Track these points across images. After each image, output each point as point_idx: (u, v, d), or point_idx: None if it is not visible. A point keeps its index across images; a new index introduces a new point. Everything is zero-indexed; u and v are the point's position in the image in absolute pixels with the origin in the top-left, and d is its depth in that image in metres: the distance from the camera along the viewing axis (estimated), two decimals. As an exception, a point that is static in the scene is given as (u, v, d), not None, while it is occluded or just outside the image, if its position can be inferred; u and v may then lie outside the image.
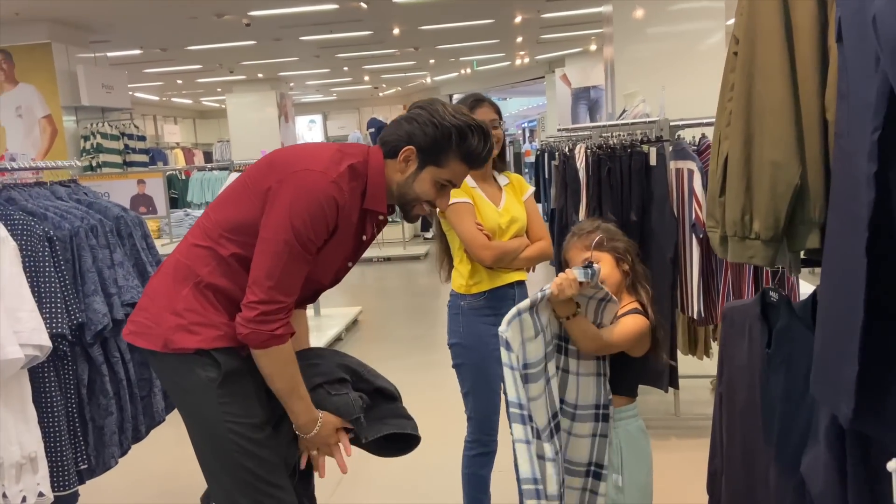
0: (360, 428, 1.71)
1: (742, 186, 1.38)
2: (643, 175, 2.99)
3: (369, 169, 1.65)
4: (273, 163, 1.62)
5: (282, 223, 1.51)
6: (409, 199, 1.70)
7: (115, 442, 1.96)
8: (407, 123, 1.67)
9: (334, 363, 1.77)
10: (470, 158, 1.68)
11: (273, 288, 1.51)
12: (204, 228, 1.63)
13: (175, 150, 16.79)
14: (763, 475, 1.72)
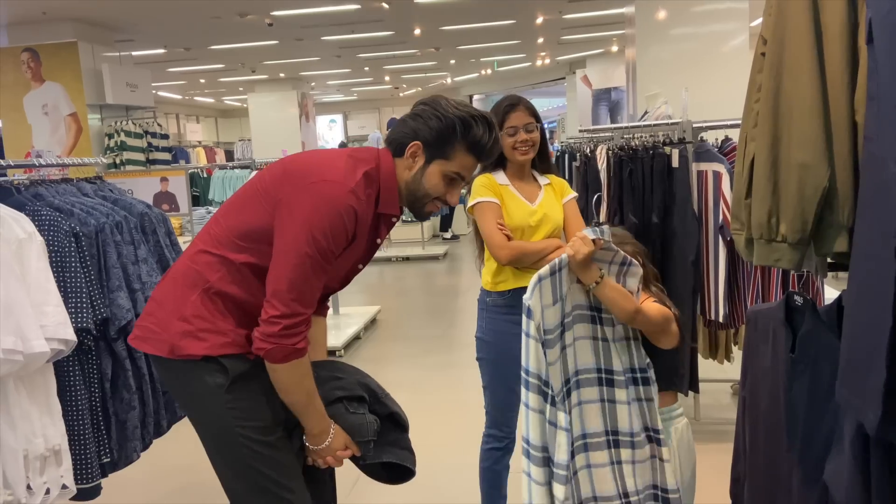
0: (365, 450, 1.72)
1: (769, 188, 1.37)
2: (665, 177, 2.97)
3: (381, 173, 1.65)
4: (288, 171, 1.60)
5: (302, 235, 1.50)
6: (419, 196, 1.70)
7: (138, 436, 1.98)
8: (412, 121, 1.67)
9: (355, 380, 1.77)
10: (476, 149, 1.68)
11: (295, 300, 1.50)
12: (214, 234, 1.62)
13: (197, 149, 16.95)
14: (786, 482, 1.70)
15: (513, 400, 2.39)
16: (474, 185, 2.37)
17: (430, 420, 3.83)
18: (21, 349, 1.55)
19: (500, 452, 2.41)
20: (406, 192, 1.69)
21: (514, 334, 2.34)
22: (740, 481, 1.91)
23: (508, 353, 2.35)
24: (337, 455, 1.68)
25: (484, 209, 2.33)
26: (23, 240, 1.66)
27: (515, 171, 2.40)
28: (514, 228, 2.32)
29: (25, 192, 1.95)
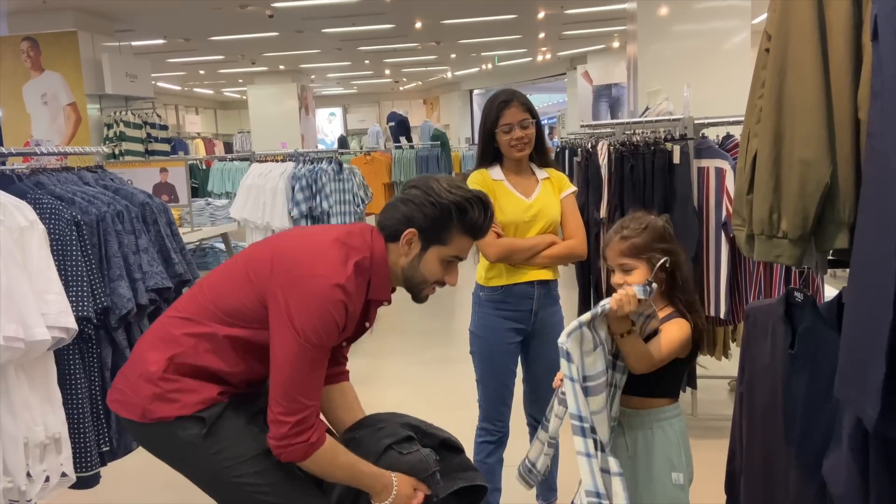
0: (434, 484, 1.69)
1: (770, 185, 1.37)
2: (666, 173, 2.97)
3: (373, 261, 1.62)
4: (277, 259, 1.57)
5: (294, 336, 1.48)
6: (416, 283, 1.68)
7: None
8: (403, 205, 1.63)
9: (396, 423, 1.76)
10: (473, 231, 1.66)
11: (299, 395, 1.50)
12: (199, 303, 1.60)
13: (196, 141, 16.90)
14: (783, 477, 1.71)
15: (504, 394, 2.39)
16: (468, 181, 2.36)
17: (428, 414, 3.80)
18: (22, 336, 1.55)
19: (492, 446, 2.42)
20: (403, 279, 1.68)
21: (505, 329, 2.36)
22: (736, 477, 1.92)
23: (499, 348, 2.36)
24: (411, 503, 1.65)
25: None
26: (24, 228, 1.66)
27: (512, 166, 2.39)
28: (508, 224, 2.31)
29: (27, 181, 1.95)
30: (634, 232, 1.84)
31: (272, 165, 4.85)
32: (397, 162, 8.83)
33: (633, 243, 1.83)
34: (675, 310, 1.86)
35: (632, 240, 1.84)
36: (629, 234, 1.85)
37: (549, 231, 2.36)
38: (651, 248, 1.83)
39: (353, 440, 1.72)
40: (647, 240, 1.83)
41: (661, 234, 1.84)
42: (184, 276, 2.15)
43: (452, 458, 1.78)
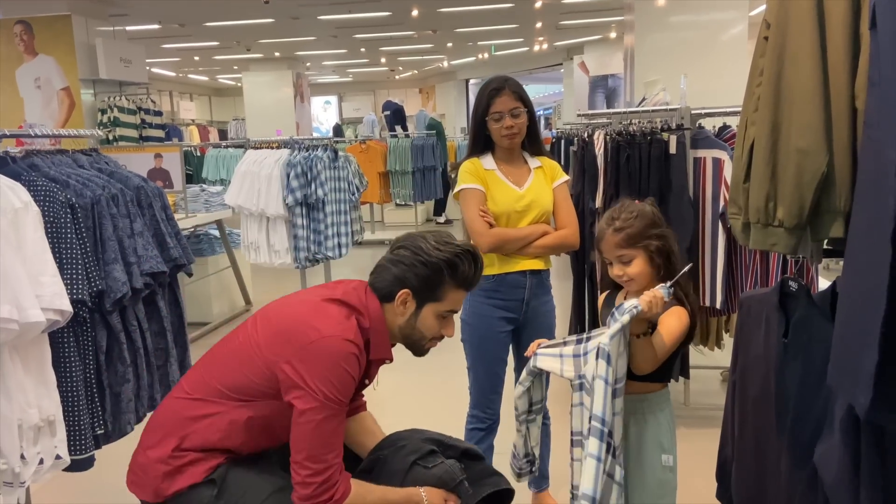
0: (463, 492, 1.72)
1: (767, 173, 1.37)
2: (662, 163, 2.97)
3: (370, 321, 1.64)
4: (280, 331, 1.59)
5: (312, 399, 1.51)
6: (415, 340, 1.72)
7: (132, 409, 1.99)
8: (394, 267, 1.66)
9: (417, 439, 1.79)
10: (465, 284, 1.69)
11: (322, 453, 1.52)
12: (206, 384, 1.63)
13: (190, 128, 16.82)
14: (774, 464, 1.72)
15: (494, 382, 2.40)
16: (460, 170, 2.36)
17: (418, 401, 3.84)
18: (17, 318, 1.54)
19: (482, 433, 2.43)
20: (402, 337, 1.71)
21: (496, 318, 2.36)
22: (727, 464, 1.93)
23: (490, 336, 2.36)
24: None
25: (467, 196, 2.31)
26: (19, 209, 1.65)
27: (504, 155, 2.37)
28: (500, 214, 2.30)
29: (21, 163, 1.93)
30: (626, 222, 1.85)
31: (267, 152, 4.83)
32: (392, 151, 8.80)
33: (627, 234, 1.84)
34: (672, 297, 1.87)
35: (625, 231, 1.84)
36: (622, 226, 1.85)
37: (541, 221, 2.36)
38: (645, 236, 1.84)
39: (378, 460, 1.75)
40: (640, 227, 1.84)
41: (652, 219, 1.86)
42: (179, 260, 2.14)
43: (475, 466, 1.81)
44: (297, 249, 4.74)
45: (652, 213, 1.87)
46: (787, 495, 1.67)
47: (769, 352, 1.72)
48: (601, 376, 1.57)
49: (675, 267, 1.87)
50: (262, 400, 1.59)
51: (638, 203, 1.90)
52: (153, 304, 2.11)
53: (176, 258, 2.13)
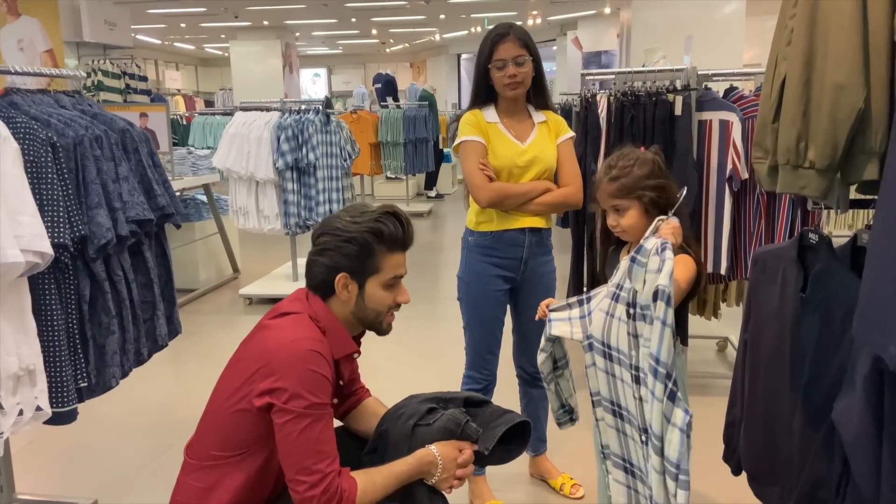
0: (472, 431, 1.66)
1: (799, 110, 1.30)
2: (667, 125, 2.89)
3: (322, 321, 1.58)
4: (245, 366, 1.53)
5: (288, 408, 1.44)
6: (372, 319, 1.66)
7: (117, 362, 1.89)
8: (321, 257, 1.60)
9: (415, 403, 1.74)
10: (399, 244, 1.63)
11: (315, 463, 1.45)
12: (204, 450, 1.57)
13: (176, 97, 16.53)
14: (786, 423, 1.67)
15: (491, 342, 2.33)
16: (461, 122, 2.27)
17: (411, 369, 3.79)
18: (-7, 258, 1.44)
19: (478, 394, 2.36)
20: (357, 322, 1.65)
21: (493, 276, 2.29)
22: (735, 424, 1.89)
23: (486, 295, 2.29)
24: (460, 463, 1.62)
25: (467, 149, 2.23)
26: (-4, 144, 1.54)
27: (507, 107, 2.28)
28: (501, 169, 2.22)
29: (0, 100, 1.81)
30: (623, 171, 1.79)
31: (257, 114, 4.70)
32: (384, 121, 8.66)
33: (622, 184, 1.78)
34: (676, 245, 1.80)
35: (621, 180, 1.78)
36: (618, 174, 1.79)
37: (544, 178, 2.28)
38: (640, 186, 1.77)
39: (381, 436, 1.70)
40: (636, 177, 1.77)
41: (651, 169, 1.79)
42: (166, 209, 2.03)
43: (483, 412, 1.75)
44: (287, 215, 4.63)
45: (653, 161, 1.80)
46: (801, 455, 1.62)
47: (785, 307, 1.66)
48: (662, 319, 1.47)
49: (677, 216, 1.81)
50: (260, 444, 1.53)
51: (640, 151, 1.83)
52: (139, 254, 2.00)
53: (163, 206, 2.02)
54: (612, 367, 1.68)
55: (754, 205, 2.92)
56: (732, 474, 1.90)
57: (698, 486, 2.39)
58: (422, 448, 1.61)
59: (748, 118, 2.91)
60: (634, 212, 1.77)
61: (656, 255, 1.49)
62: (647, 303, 1.50)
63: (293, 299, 1.64)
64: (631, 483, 1.74)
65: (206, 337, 4.30)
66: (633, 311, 1.57)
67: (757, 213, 2.90)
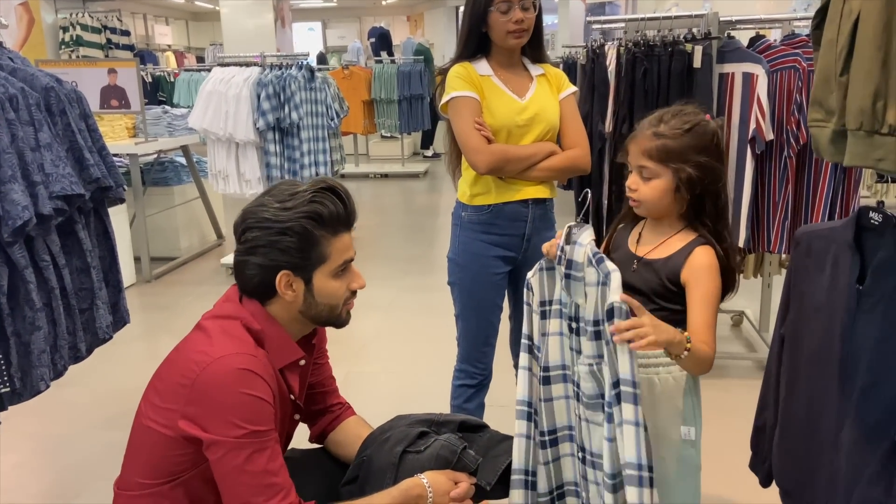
0: (470, 461, 1.45)
1: (878, 60, 0.99)
2: (684, 79, 2.58)
3: (256, 326, 1.34)
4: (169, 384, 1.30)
5: (221, 443, 1.22)
6: (326, 314, 1.42)
7: (46, 362, 1.62)
8: (252, 256, 1.33)
9: (403, 426, 1.52)
10: (342, 223, 1.38)
11: (266, 499, 1.23)
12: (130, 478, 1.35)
13: (167, 53, 16.03)
14: (832, 436, 1.42)
15: (488, 333, 2.06)
16: (449, 75, 1.96)
17: (403, 345, 3.54)
18: None
19: (472, 390, 2.09)
20: (309, 321, 1.42)
21: (491, 257, 2.00)
22: (766, 431, 1.64)
23: (484, 278, 2.00)
24: (454, 497, 1.40)
25: (459, 106, 1.92)
26: None
27: (502, 59, 1.98)
28: (499, 129, 1.92)
29: None
30: (672, 131, 1.47)
31: (235, 70, 4.34)
32: (377, 77, 8.26)
33: (664, 145, 1.46)
34: (697, 235, 1.50)
35: (665, 140, 1.46)
36: (664, 132, 1.47)
37: (547, 138, 1.98)
38: (685, 158, 1.45)
39: (364, 462, 1.48)
40: (685, 145, 1.45)
41: (706, 143, 1.46)
42: (102, 181, 1.72)
43: (480, 438, 1.53)
44: (269, 179, 4.33)
45: (713, 136, 1.48)
46: (850, 476, 1.37)
47: (836, 301, 1.40)
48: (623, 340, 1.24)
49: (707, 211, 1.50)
50: (192, 472, 1.30)
51: (704, 117, 1.51)
52: (73, 234, 1.71)
53: (97, 178, 1.71)
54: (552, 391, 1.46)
55: (780, 170, 2.61)
56: (761, 485, 1.66)
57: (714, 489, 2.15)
58: (411, 478, 1.37)
59: (776, 70, 2.59)
60: (662, 183, 1.46)
61: (591, 265, 1.31)
62: (592, 318, 1.32)
63: (226, 299, 1.38)
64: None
65: (183, 310, 4.04)
66: (575, 325, 1.39)
67: (783, 179, 2.59)
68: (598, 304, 1.32)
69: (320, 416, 1.63)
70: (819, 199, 2.52)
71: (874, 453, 1.31)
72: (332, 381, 1.66)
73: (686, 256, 1.47)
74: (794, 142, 2.54)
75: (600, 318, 1.31)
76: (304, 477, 1.46)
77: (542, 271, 1.45)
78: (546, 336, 1.46)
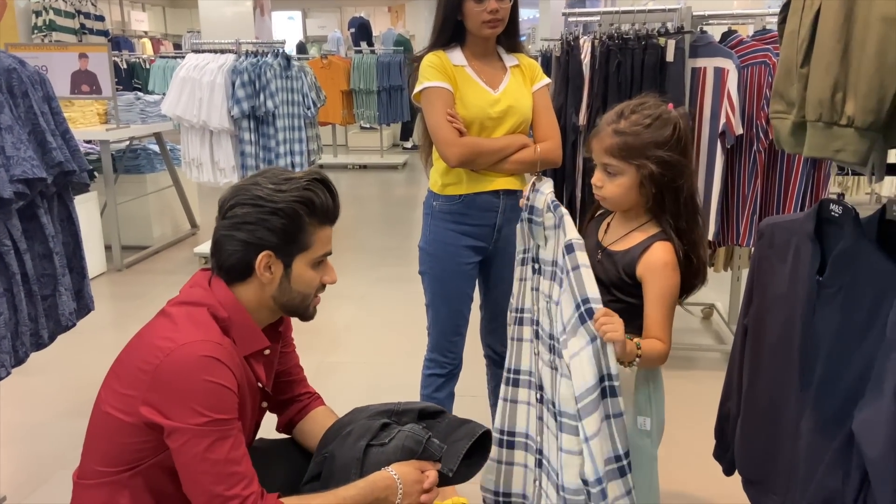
0: (435, 449, 1.44)
1: (838, 52, 1.01)
2: (657, 73, 2.59)
3: (223, 312, 1.32)
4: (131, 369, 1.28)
5: (182, 430, 1.21)
6: (297, 304, 1.42)
7: (6, 348, 1.59)
8: (238, 231, 1.32)
9: (363, 419, 1.50)
10: (328, 217, 1.40)
11: (224, 489, 1.21)
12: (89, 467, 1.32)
13: (143, 40, 15.77)
14: (792, 426, 1.44)
15: (458, 322, 2.06)
16: (422, 65, 1.94)
17: (376, 335, 3.53)
18: None
19: (442, 379, 2.10)
20: (278, 307, 1.41)
21: (462, 247, 2.00)
22: (729, 420, 1.67)
23: (454, 268, 2.00)
24: (425, 488, 1.40)
25: (432, 96, 1.91)
26: None
27: (477, 49, 1.97)
28: (471, 121, 1.92)
29: None
30: (632, 127, 1.45)
31: (209, 57, 4.29)
32: (357, 67, 8.21)
33: (625, 142, 1.45)
34: (660, 230, 1.50)
35: (625, 138, 1.45)
36: (624, 129, 1.46)
37: (519, 130, 1.98)
38: (647, 155, 1.44)
39: (326, 459, 1.46)
40: (645, 142, 1.44)
41: (667, 137, 1.45)
42: (65, 165, 1.69)
43: (440, 423, 1.52)
44: (244, 168, 4.29)
45: (674, 128, 1.46)
46: (809, 465, 1.39)
47: (796, 292, 1.42)
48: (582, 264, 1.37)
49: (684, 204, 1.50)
50: (152, 457, 1.28)
51: (665, 108, 1.50)
52: (35, 220, 1.68)
53: (61, 162, 1.68)
54: (522, 332, 1.63)
55: (749, 164, 2.64)
56: (724, 474, 1.68)
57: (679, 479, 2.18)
58: (378, 472, 1.37)
59: (746, 66, 2.61)
60: (626, 180, 1.46)
61: (549, 211, 1.45)
62: (551, 258, 1.47)
63: (193, 285, 1.37)
64: (536, 473, 1.59)
65: (154, 300, 3.99)
66: (536, 265, 1.55)
67: (752, 173, 2.62)
68: (554, 247, 1.45)
69: (288, 405, 1.62)
70: (791, 194, 2.56)
71: (832, 442, 1.33)
72: (299, 370, 1.65)
73: (642, 251, 1.48)
74: (764, 136, 2.57)
75: (555, 259, 1.45)
76: (271, 468, 1.45)
77: (521, 222, 1.58)
78: (522, 282, 1.62)
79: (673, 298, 1.50)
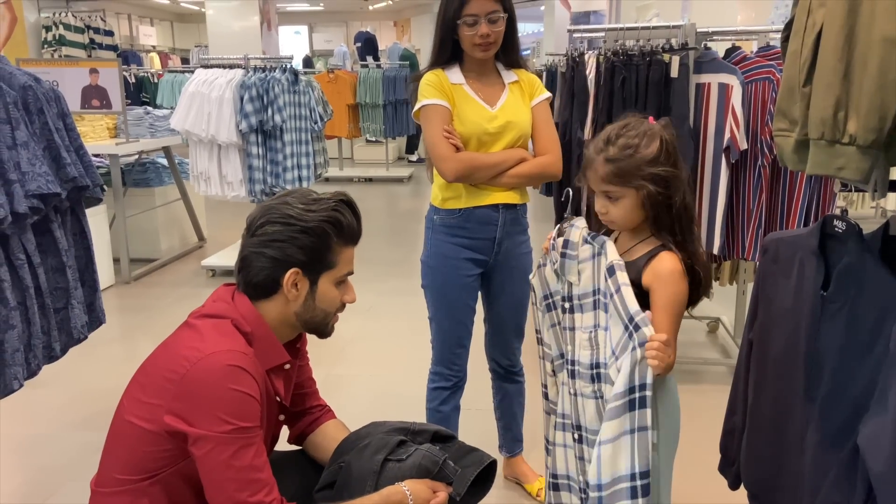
0: (449, 471, 1.47)
1: (839, 71, 1.02)
2: (661, 88, 2.62)
3: (246, 326, 1.36)
4: (157, 379, 1.30)
5: (207, 437, 1.22)
6: (319, 321, 1.46)
7: (20, 361, 1.61)
8: (267, 248, 1.37)
9: (381, 434, 1.53)
10: (354, 237, 1.47)
11: (245, 497, 1.24)
12: (110, 475, 1.33)
13: (151, 55, 15.92)
14: (797, 441, 1.45)
15: (461, 335, 2.07)
16: (421, 84, 1.97)
17: (382, 348, 3.55)
18: None
19: (447, 392, 2.11)
20: (300, 324, 1.45)
21: (462, 260, 2.02)
22: (735, 434, 1.67)
23: (455, 281, 2.02)
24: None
25: (429, 114, 1.94)
26: None
27: (474, 67, 2.00)
28: (469, 137, 1.94)
29: None
30: (623, 152, 1.45)
31: (218, 72, 4.34)
32: (363, 81, 8.27)
33: (619, 168, 1.46)
34: (660, 243, 1.52)
35: (618, 163, 1.46)
36: (615, 156, 1.46)
37: (518, 145, 2.00)
38: (642, 174, 1.45)
39: (342, 469, 1.48)
40: (637, 163, 1.45)
41: (658, 153, 1.45)
42: (78, 181, 1.72)
43: (451, 448, 1.56)
44: (251, 181, 4.32)
45: (661, 143, 1.46)
46: (814, 478, 1.39)
47: (801, 306, 1.42)
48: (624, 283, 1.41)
49: (677, 217, 1.52)
50: (172, 465, 1.30)
51: (647, 125, 1.52)
52: (49, 234, 1.71)
53: (74, 178, 1.71)
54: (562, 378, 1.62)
55: (754, 179, 2.66)
56: (730, 488, 1.68)
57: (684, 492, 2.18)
58: (392, 486, 1.39)
59: (750, 82, 2.64)
60: (629, 201, 1.47)
61: (586, 243, 1.49)
62: (590, 288, 1.49)
63: (216, 299, 1.40)
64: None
65: (161, 312, 4.01)
66: (568, 304, 1.55)
67: (757, 187, 2.64)
68: (594, 276, 1.48)
69: (300, 417, 1.64)
70: (794, 209, 2.57)
71: (837, 456, 1.33)
72: (312, 382, 1.67)
73: (648, 260, 1.50)
74: (768, 151, 2.59)
75: (597, 287, 1.46)
76: (283, 478, 1.47)
77: (540, 268, 1.60)
78: (555, 327, 1.62)
79: (680, 306, 1.51)
